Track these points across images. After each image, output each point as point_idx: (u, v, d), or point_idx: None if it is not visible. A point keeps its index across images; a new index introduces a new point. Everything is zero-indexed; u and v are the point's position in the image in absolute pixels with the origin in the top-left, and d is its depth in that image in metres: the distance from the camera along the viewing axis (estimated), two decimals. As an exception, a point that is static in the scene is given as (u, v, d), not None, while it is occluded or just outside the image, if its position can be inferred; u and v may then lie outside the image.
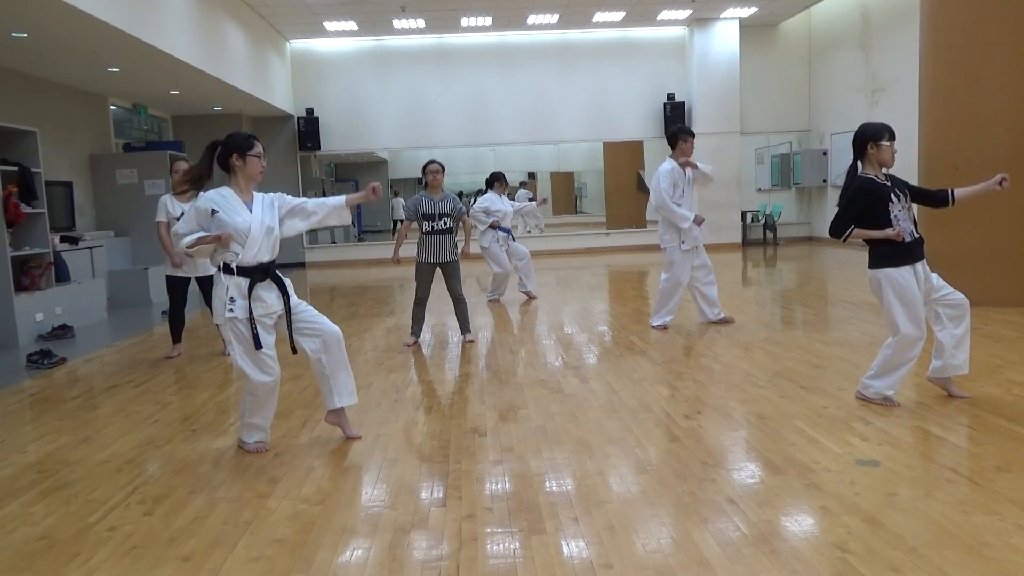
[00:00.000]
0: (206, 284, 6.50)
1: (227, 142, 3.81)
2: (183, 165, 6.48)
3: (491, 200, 8.77)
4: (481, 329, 6.98)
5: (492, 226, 8.67)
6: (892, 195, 4.09)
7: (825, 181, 15.20)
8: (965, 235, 7.04)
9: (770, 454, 3.57)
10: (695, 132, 7.12)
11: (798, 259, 12.89)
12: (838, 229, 4.20)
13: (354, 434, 4.09)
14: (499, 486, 3.35)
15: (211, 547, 2.85)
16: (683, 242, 6.58)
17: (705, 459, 3.55)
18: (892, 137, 4.14)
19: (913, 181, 8.86)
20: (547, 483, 3.35)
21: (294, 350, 3.88)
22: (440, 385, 5.33)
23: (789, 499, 3.06)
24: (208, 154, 3.83)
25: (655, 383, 4.99)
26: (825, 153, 15.11)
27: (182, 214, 6.26)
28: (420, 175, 6.55)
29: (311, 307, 4.00)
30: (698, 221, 6.59)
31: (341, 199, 4.02)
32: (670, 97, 15.30)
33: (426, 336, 7.03)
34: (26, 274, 7.86)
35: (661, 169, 6.63)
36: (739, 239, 15.42)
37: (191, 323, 8.72)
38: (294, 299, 3.90)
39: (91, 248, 9.96)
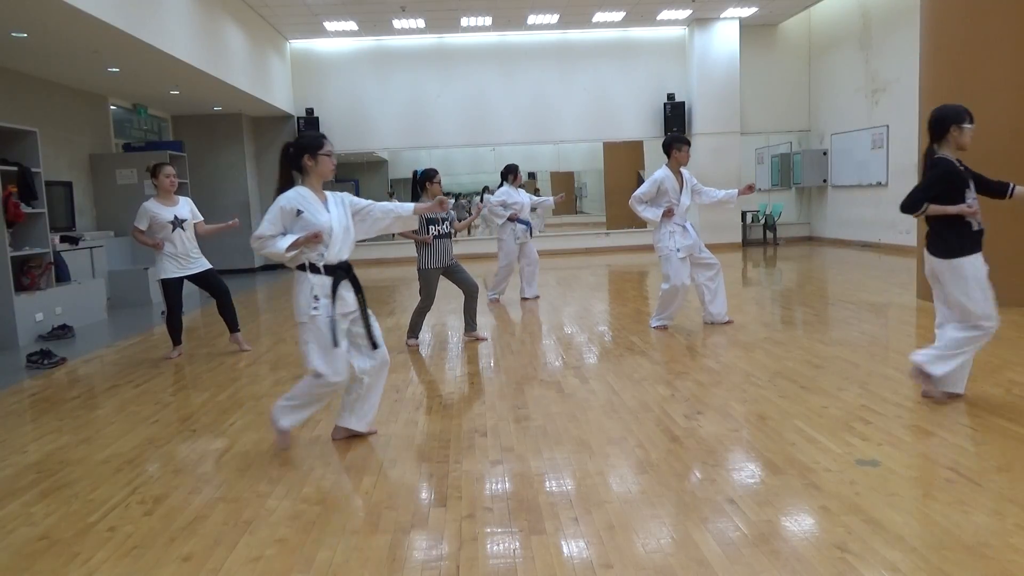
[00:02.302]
0: (204, 279, 6.51)
1: (297, 144, 3.81)
2: (172, 170, 6.51)
3: (507, 193, 8.69)
4: (481, 329, 6.97)
5: (511, 219, 8.59)
6: (969, 182, 4.07)
7: (825, 181, 15.20)
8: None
9: (770, 454, 3.57)
10: (696, 132, 7.14)
11: (798, 259, 12.89)
12: (913, 204, 4.12)
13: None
14: (499, 486, 3.35)
15: (211, 547, 2.85)
16: (677, 250, 6.57)
17: (705, 459, 3.56)
18: (972, 120, 4.10)
19: (913, 181, 8.84)
20: (547, 483, 3.35)
21: (375, 345, 3.94)
22: (440, 385, 5.33)
23: (789, 499, 3.06)
24: (283, 159, 3.82)
25: (655, 383, 4.99)
26: (825, 153, 15.11)
27: (175, 218, 6.33)
28: (415, 183, 6.52)
29: (378, 324, 4.01)
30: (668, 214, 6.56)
31: (409, 207, 4.02)
32: (670, 97, 15.30)
33: (426, 336, 7.03)
34: (26, 274, 7.86)
35: (653, 175, 6.71)
36: (739, 239, 15.42)
37: (191, 323, 8.72)
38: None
39: (91, 248, 9.97)
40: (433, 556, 2.72)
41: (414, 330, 6.62)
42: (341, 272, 3.80)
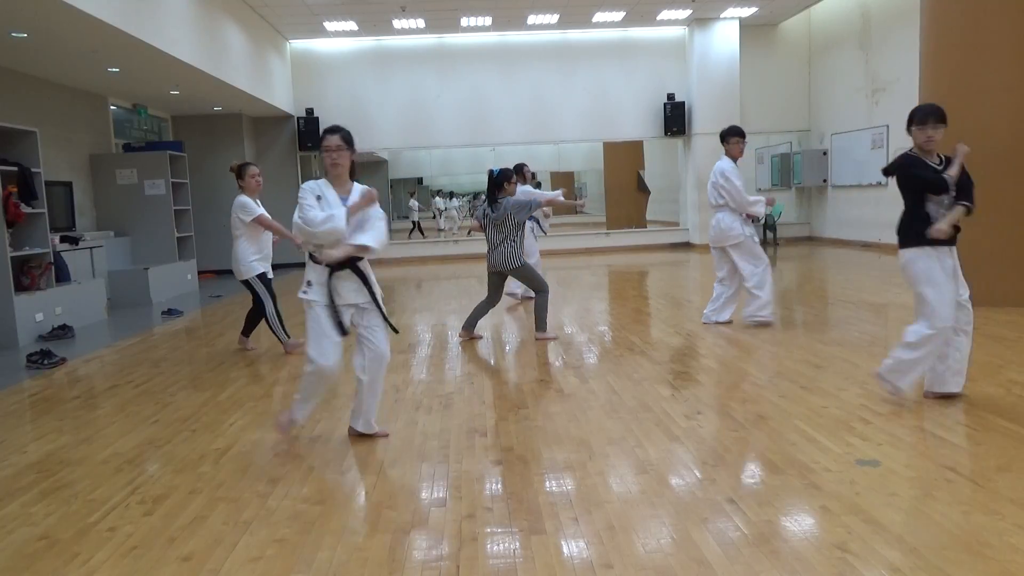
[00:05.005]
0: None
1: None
2: (258, 169, 6.44)
3: (529, 191, 8.60)
4: (482, 328, 6.98)
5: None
6: None
7: (825, 181, 15.20)
8: (965, 235, 7.04)
9: (770, 454, 3.58)
10: (696, 132, 7.15)
11: (798, 259, 12.88)
12: None
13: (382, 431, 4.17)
14: (499, 486, 3.35)
15: (211, 547, 2.85)
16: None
17: (705, 459, 3.56)
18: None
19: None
20: (547, 483, 3.35)
21: (395, 330, 4.15)
22: (440, 385, 5.32)
23: (789, 499, 3.06)
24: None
25: (655, 383, 4.99)
26: (825, 153, 15.10)
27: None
28: (491, 184, 6.47)
29: (381, 321, 3.99)
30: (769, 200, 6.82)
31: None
32: (670, 97, 15.30)
33: (425, 336, 7.03)
34: (26, 274, 7.86)
35: (728, 168, 6.61)
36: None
37: (190, 323, 8.72)
38: (379, 295, 3.98)
39: (91, 248, 9.97)
40: (433, 556, 2.72)
41: (544, 322, 6.62)
42: (338, 265, 3.82)
